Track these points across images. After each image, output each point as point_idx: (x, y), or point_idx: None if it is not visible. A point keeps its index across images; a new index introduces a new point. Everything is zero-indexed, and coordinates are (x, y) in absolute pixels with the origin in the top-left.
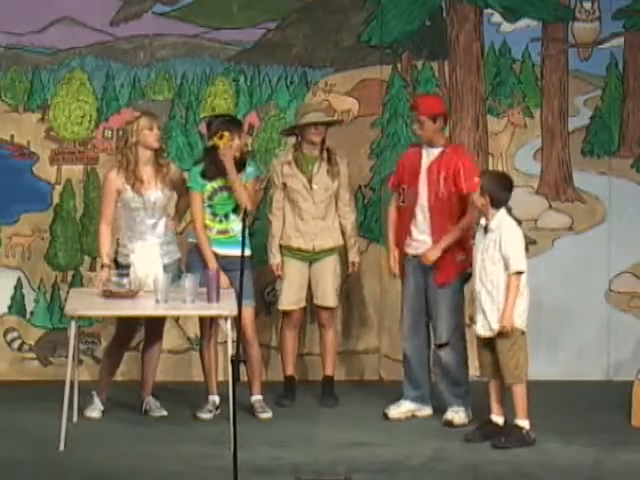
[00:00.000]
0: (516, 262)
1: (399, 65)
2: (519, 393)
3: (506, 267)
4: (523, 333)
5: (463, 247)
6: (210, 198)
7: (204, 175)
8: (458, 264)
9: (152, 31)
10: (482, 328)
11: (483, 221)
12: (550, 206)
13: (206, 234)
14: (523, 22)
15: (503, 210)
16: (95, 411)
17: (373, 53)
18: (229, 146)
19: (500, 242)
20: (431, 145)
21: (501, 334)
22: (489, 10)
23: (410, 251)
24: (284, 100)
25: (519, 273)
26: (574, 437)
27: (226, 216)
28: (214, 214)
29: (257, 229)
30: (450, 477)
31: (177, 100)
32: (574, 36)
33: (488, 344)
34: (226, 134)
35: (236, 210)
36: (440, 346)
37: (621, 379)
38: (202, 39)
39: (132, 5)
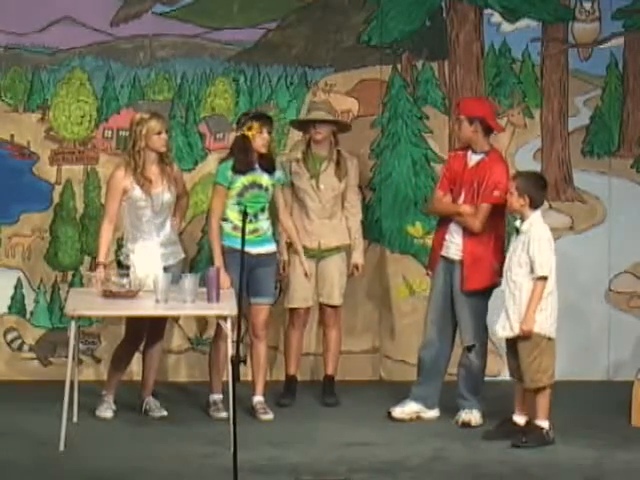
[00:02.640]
0: (540, 267)
1: (399, 65)
2: (541, 397)
3: (531, 270)
4: (550, 339)
5: (499, 256)
6: (240, 195)
7: (234, 169)
8: (492, 272)
9: (152, 31)
10: (501, 328)
11: (518, 222)
12: (550, 206)
13: (220, 231)
14: (523, 22)
15: (538, 212)
16: (108, 411)
17: (373, 53)
18: (258, 136)
19: (528, 244)
20: (474, 150)
21: (521, 337)
22: (489, 10)
23: (444, 251)
24: (284, 100)
25: (543, 278)
26: (574, 437)
27: (255, 216)
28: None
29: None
30: (450, 477)
31: (177, 100)
32: (574, 36)
33: (512, 346)
34: (255, 124)
35: (264, 209)
36: (468, 349)
37: (621, 379)
38: (202, 39)
39: (132, 5)
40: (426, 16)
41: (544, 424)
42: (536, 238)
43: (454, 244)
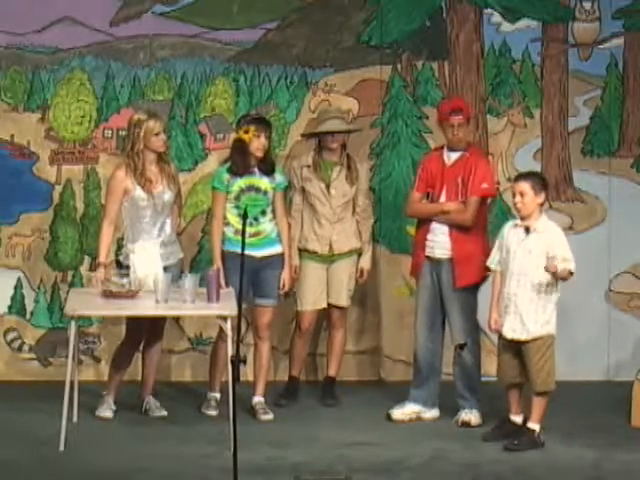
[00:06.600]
0: (572, 263)
1: (399, 65)
2: (542, 401)
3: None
4: (554, 339)
5: (486, 250)
6: (237, 198)
7: (231, 171)
8: (482, 267)
9: (152, 31)
10: (513, 331)
11: (518, 221)
12: (550, 206)
13: (221, 235)
14: (523, 22)
15: (544, 213)
16: (108, 411)
17: (373, 53)
18: (254, 139)
19: (551, 245)
20: (452, 149)
21: (535, 340)
22: (489, 10)
23: (427, 252)
24: (284, 100)
25: (571, 273)
26: (574, 437)
27: (256, 219)
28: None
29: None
30: (450, 477)
31: (177, 100)
32: (574, 36)
33: (513, 347)
34: (252, 128)
35: (265, 212)
36: (460, 347)
37: (621, 379)
38: (202, 39)
39: (132, 5)
40: (426, 16)
41: (537, 427)
42: (559, 239)
43: (438, 243)
